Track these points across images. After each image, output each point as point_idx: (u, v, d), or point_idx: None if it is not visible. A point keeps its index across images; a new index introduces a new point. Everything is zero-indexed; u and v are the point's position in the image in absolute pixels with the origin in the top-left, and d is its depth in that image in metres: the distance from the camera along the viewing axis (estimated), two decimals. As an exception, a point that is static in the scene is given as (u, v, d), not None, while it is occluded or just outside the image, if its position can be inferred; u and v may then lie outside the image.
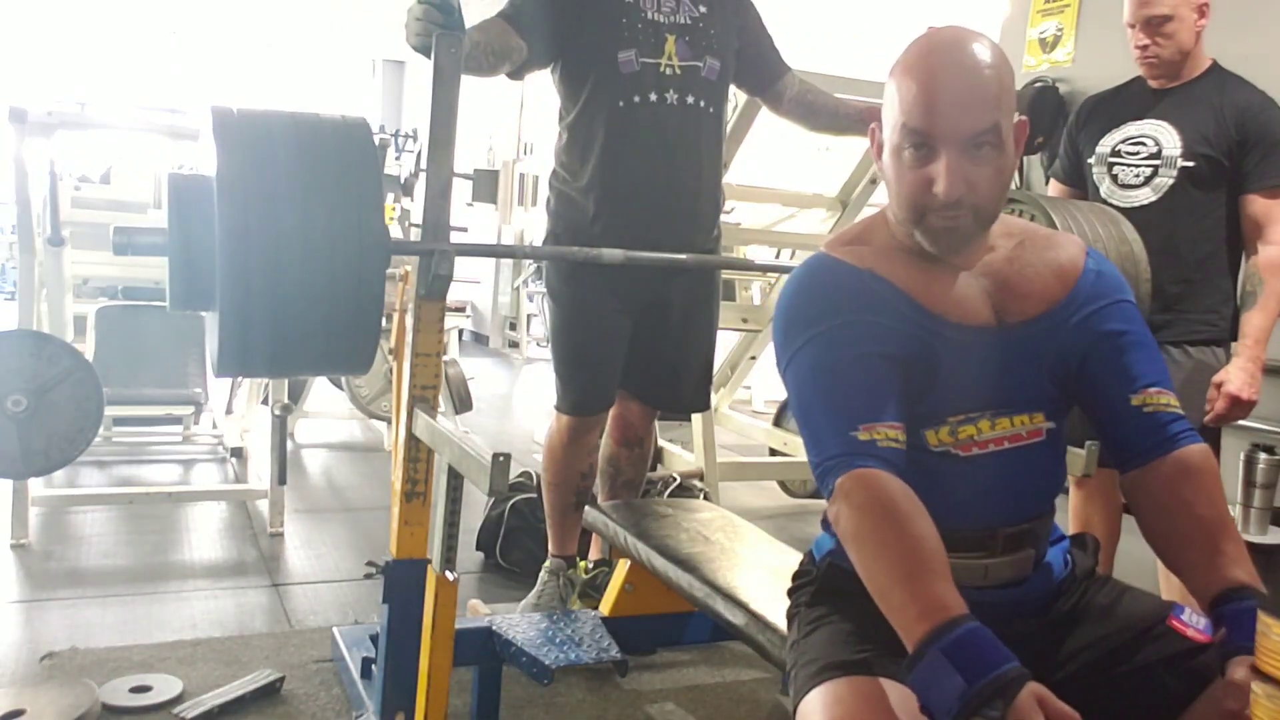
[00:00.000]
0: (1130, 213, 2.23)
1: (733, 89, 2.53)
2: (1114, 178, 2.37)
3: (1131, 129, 2.35)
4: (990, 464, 1.25)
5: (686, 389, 2.52)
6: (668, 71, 2.23)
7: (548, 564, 2.56)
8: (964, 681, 0.96)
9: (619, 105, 2.22)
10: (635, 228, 2.22)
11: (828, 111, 2.45)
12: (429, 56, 1.73)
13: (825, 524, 1.39)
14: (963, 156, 1.18)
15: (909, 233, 1.27)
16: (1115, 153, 2.37)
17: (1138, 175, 2.32)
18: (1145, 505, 1.27)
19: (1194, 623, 1.19)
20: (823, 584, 1.32)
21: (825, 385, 1.20)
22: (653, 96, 2.22)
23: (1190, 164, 2.25)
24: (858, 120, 2.42)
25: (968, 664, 0.97)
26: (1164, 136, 2.29)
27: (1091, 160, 2.41)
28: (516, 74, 2.21)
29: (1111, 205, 2.29)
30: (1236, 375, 2.22)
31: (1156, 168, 2.30)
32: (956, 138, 1.18)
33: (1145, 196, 2.31)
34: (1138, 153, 2.32)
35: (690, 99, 2.25)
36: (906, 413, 1.20)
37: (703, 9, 2.28)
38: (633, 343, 2.39)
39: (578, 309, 2.36)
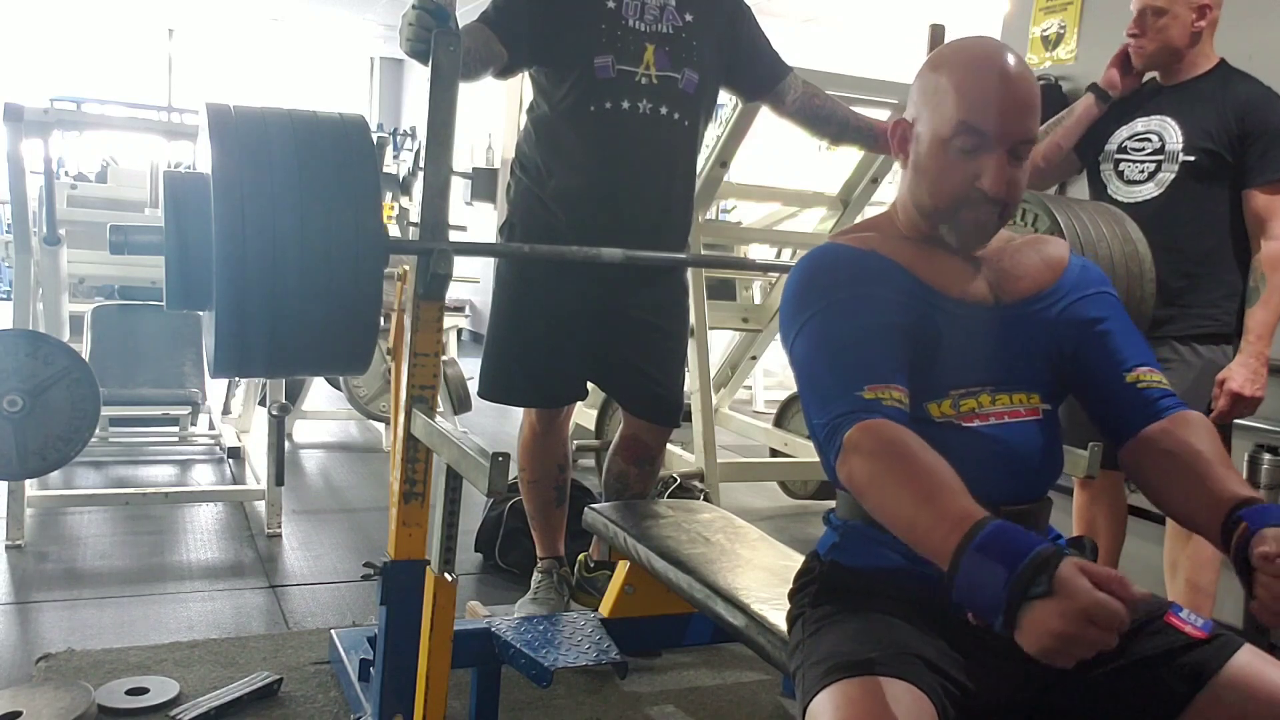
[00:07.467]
0: (1134, 208, 2.23)
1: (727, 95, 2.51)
2: (1120, 174, 2.36)
3: (1139, 124, 2.35)
4: (991, 436, 1.28)
5: (673, 400, 2.48)
6: (644, 81, 2.19)
7: (539, 565, 2.56)
8: (1004, 569, 0.95)
9: (589, 110, 2.19)
10: (597, 234, 2.13)
11: (837, 121, 2.42)
12: (424, 62, 1.72)
13: (827, 523, 1.39)
14: (1007, 158, 1.27)
15: (932, 226, 1.33)
16: (1122, 149, 2.37)
17: (1142, 171, 2.31)
18: (1147, 459, 1.30)
19: (1191, 620, 1.21)
20: (826, 582, 1.32)
21: (832, 351, 1.24)
22: (625, 104, 2.19)
23: (1191, 158, 2.25)
24: (869, 135, 2.40)
25: (1004, 553, 0.96)
26: (1167, 132, 2.28)
27: (1099, 158, 2.40)
28: (500, 76, 2.19)
29: (1116, 201, 2.29)
30: (1239, 372, 2.21)
31: (1160, 163, 2.29)
32: (1010, 140, 1.27)
33: (1148, 192, 2.31)
34: (1143, 148, 2.32)
35: (664, 110, 2.22)
36: (910, 383, 1.23)
37: (688, 18, 2.24)
38: (611, 355, 2.37)
39: (526, 297, 2.32)
